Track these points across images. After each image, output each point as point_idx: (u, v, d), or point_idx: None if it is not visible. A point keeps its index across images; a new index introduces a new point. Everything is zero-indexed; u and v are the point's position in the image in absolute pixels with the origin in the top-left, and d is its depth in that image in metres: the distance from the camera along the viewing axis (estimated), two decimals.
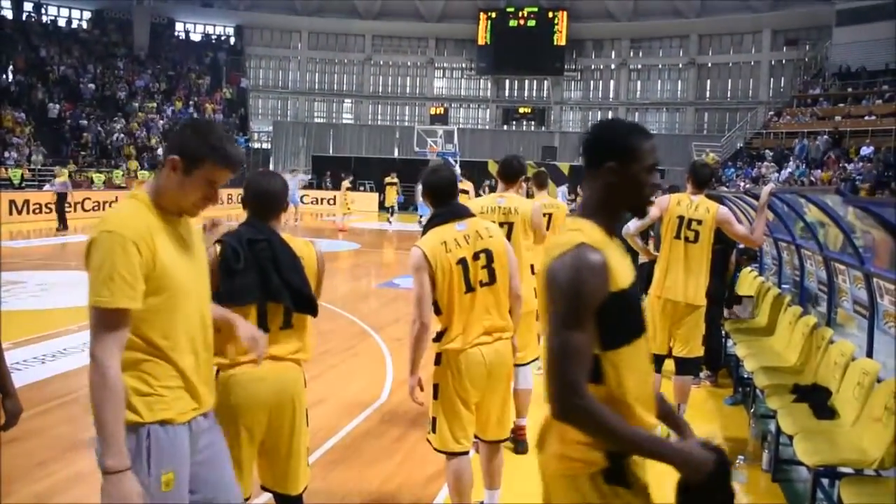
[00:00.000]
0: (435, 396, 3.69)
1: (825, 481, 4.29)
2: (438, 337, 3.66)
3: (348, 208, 24.16)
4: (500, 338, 3.68)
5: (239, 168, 2.45)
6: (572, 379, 1.89)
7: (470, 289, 3.59)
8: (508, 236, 4.65)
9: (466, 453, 3.72)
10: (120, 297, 2.16)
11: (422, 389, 3.70)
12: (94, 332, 2.20)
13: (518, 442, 5.09)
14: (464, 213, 3.74)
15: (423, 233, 3.75)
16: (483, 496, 4.02)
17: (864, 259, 5.16)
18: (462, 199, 4.88)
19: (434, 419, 3.71)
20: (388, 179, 26.15)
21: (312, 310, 3.18)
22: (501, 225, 4.74)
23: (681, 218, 5.39)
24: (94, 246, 2.21)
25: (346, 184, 24.09)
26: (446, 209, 3.72)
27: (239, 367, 3.00)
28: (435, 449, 3.73)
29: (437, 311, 3.63)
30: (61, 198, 19.18)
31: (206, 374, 2.47)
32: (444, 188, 3.73)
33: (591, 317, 1.92)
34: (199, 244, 2.50)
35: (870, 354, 4.86)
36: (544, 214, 6.77)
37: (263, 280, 3.04)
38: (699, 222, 5.34)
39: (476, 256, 3.60)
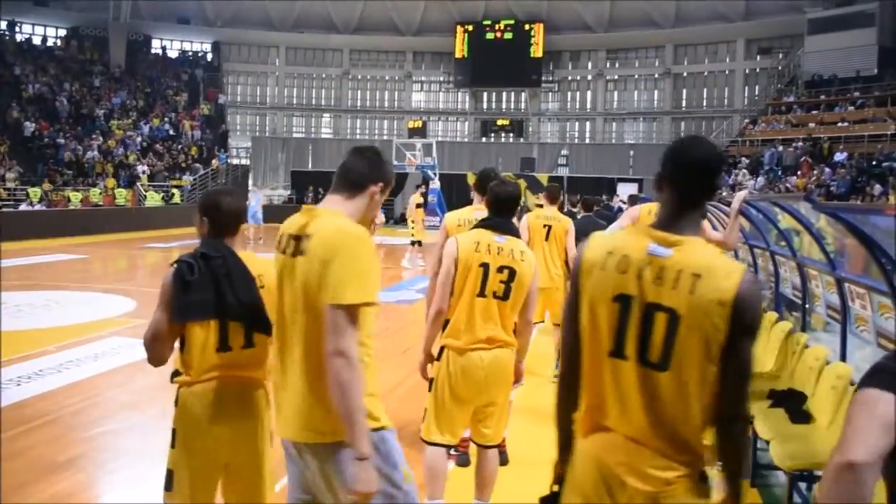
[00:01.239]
0: (430, 389, 3.92)
1: (802, 485, 4.33)
2: (443, 327, 3.90)
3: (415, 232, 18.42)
4: (500, 346, 3.83)
5: None
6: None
7: (482, 294, 3.79)
8: None
9: (447, 448, 3.95)
10: (370, 293, 2.42)
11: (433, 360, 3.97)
12: (340, 328, 2.37)
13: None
14: (510, 231, 3.95)
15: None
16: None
17: (835, 264, 5.23)
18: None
19: (426, 410, 3.95)
20: None
21: (267, 328, 3.13)
22: None
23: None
24: (346, 248, 2.43)
25: (416, 198, 18.75)
26: (497, 220, 3.96)
27: (200, 383, 2.99)
28: (421, 438, 3.96)
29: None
30: None
31: None
32: (504, 201, 4.00)
33: None
34: None
35: (843, 358, 4.92)
36: (545, 226, 6.89)
37: (218, 296, 3.01)
38: None
39: (500, 269, 3.79)
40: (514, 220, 5.52)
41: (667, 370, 2.01)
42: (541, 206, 11.70)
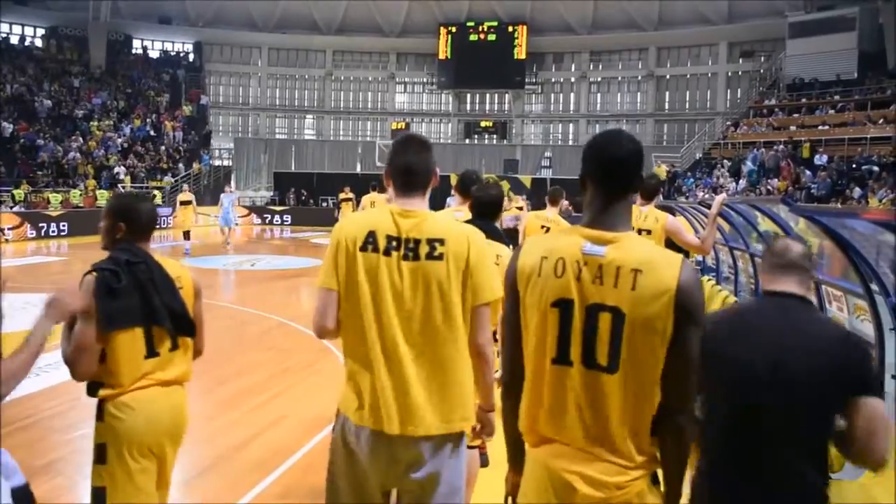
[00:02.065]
0: None
1: None
2: None
3: None
4: None
5: None
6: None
7: None
8: None
9: None
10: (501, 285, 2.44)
11: None
12: (488, 320, 2.56)
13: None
14: (491, 234, 3.90)
15: None
16: None
17: None
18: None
19: None
20: (342, 195, 23.78)
21: (192, 331, 3.15)
22: None
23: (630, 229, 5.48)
24: (484, 251, 2.55)
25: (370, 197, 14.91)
26: (478, 222, 3.92)
27: (130, 392, 2.95)
28: None
29: None
30: None
31: None
32: (486, 204, 4.10)
33: None
34: None
35: None
36: (543, 227, 6.99)
37: (145, 302, 2.98)
38: (648, 232, 5.46)
39: None
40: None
41: (616, 371, 1.97)
42: (520, 208, 11.81)
